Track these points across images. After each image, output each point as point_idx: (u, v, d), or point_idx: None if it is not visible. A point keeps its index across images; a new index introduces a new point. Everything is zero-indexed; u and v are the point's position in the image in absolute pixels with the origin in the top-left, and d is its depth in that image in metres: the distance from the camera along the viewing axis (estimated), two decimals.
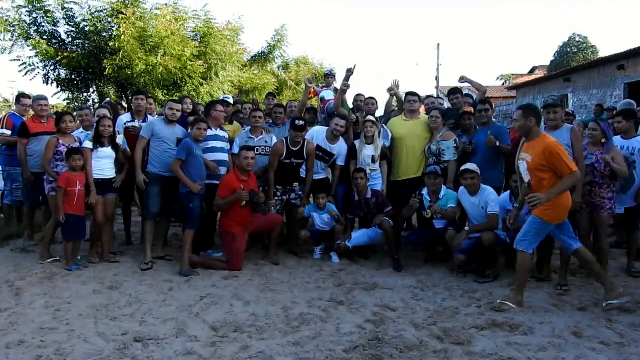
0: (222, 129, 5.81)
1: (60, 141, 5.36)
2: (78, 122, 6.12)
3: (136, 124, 5.89)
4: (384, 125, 6.11)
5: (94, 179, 5.26)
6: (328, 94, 7.03)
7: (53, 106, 15.14)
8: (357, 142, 5.89)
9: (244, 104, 7.51)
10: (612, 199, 4.77)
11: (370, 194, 5.64)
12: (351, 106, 7.00)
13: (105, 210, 5.41)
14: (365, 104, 6.62)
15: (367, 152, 5.77)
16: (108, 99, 10.83)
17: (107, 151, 5.34)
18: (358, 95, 6.94)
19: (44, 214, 6.14)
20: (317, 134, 5.96)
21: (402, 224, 6.09)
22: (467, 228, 5.01)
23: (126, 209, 6.46)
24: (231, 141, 5.91)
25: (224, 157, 5.65)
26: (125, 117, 5.99)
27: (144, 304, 4.15)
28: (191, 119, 5.84)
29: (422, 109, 6.50)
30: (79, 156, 5.20)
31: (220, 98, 7.12)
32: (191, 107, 6.54)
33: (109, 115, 5.79)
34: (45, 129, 5.83)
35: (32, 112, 6.44)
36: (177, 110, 5.58)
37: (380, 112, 6.91)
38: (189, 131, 5.42)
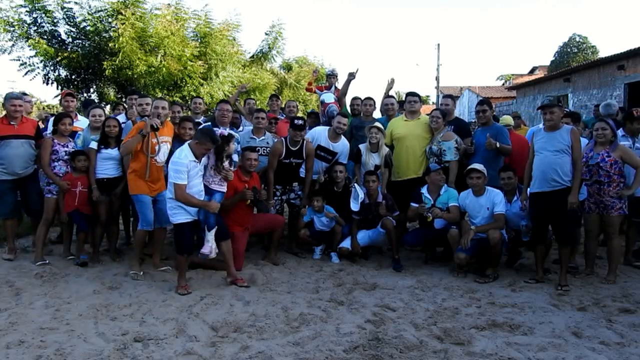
0: (231, 128, 5.80)
1: (56, 141, 5.35)
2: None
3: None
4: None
5: (100, 179, 5.26)
6: (328, 97, 7.04)
7: (53, 106, 15.15)
8: (362, 147, 5.88)
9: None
10: (622, 198, 4.79)
11: (381, 197, 5.63)
12: (349, 109, 7.02)
13: (111, 209, 5.41)
14: (363, 105, 6.61)
15: (372, 160, 5.77)
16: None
17: (112, 152, 5.31)
18: (354, 98, 6.96)
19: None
20: (318, 134, 5.95)
21: (404, 224, 6.08)
22: (473, 227, 5.00)
23: (125, 209, 6.44)
24: None
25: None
26: (120, 118, 5.92)
27: (144, 304, 4.15)
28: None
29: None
30: (83, 157, 5.24)
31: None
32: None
33: (104, 115, 5.77)
34: (15, 131, 5.26)
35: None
36: (147, 104, 5.51)
37: (377, 114, 6.88)
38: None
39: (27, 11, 11.02)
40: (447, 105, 6.21)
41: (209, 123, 5.74)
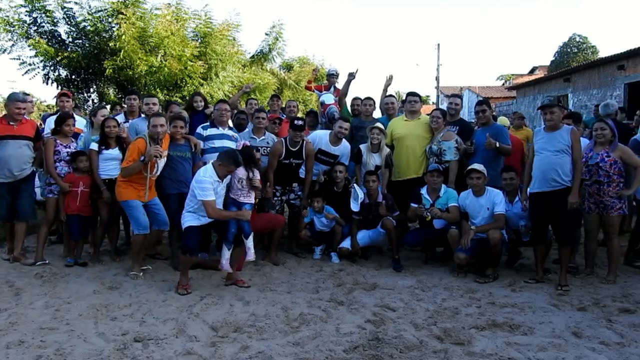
0: (230, 128, 5.80)
1: (58, 141, 5.35)
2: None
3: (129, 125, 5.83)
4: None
5: (102, 180, 5.25)
6: (328, 98, 7.03)
7: (53, 106, 15.15)
8: (362, 147, 5.87)
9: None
10: (622, 198, 4.79)
11: (381, 197, 5.62)
12: (350, 109, 7.01)
13: (112, 209, 5.40)
14: (363, 105, 6.61)
15: (373, 161, 5.76)
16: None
17: (113, 152, 5.30)
18: (355, 99, 6.96)
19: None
20: (319, 138, 5.91)
21: (405, 224, 6.08)
22: (473, 227, 5.00)
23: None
24: None
25: None
26: (118, 118, 5.89)
27: (144, 304, 4.15)
28: (209, 110, 6.13)
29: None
30: (85, 157, 5.25)
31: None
32: (202, 104, 6.42)
33: (109, 114, 5.79)
34: (13, 132, 5.12)
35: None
36: (154, 104, 5.66)
37: (377, 114, 6.88)
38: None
39: (27, 11, 11.04)
40: (457, 105, 6.15)
41: (208, 123, 5.73)
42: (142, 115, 5.94)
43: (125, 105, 6.30)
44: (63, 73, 11.76)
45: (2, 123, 5.16)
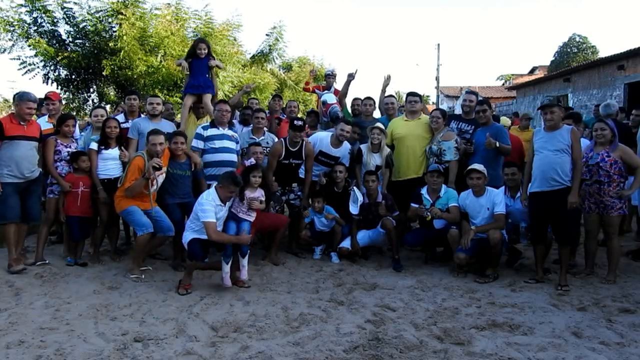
0: (230, 128, 5.80)
1: (59, 141, 5.35)
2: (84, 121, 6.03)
3: (130, 124, 5.84)
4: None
5: (101, 179, 5.26)
6: (330, 98, 7.03)
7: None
8: (363, 147, 5.87)
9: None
10: (622, 198, 4.79)
11: (381, 197, 5.62)
12: (350, 110, 7.00)
13: (112, 209, 5.38)
14: (363, 105, 6.62)
15: (374, 161, 5.76)
16: None
17: (113, 152, 5.31)
18: (355, 99, 6.97)
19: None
20: (319, 140, 5.89)
21: (405, 224, 6.08)
22: (473, 227, 5.00)
23: None
24: None
25: (233, 157, 5.58)
26: (118, 118, 5.88)
27: (144, 304, 4.15)
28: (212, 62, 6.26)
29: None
30: (86, 157, 5.25)
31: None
32: (205, 51, 6.32)
33: (107, 115, 5.78)
34: (24, 132, 5.01)
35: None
36: (157, 104, 5.68)
37: (377, 114, 6.88)
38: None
39: (27, 11, 11.04)
40: (472, 102, 6.02)
41: (208, 124, 5.73)
42: (143, 115, 5.95)
43: (125, 105, 6.30)
44: (63, 73, 11.77)
45: (12, 122, 5.00)
